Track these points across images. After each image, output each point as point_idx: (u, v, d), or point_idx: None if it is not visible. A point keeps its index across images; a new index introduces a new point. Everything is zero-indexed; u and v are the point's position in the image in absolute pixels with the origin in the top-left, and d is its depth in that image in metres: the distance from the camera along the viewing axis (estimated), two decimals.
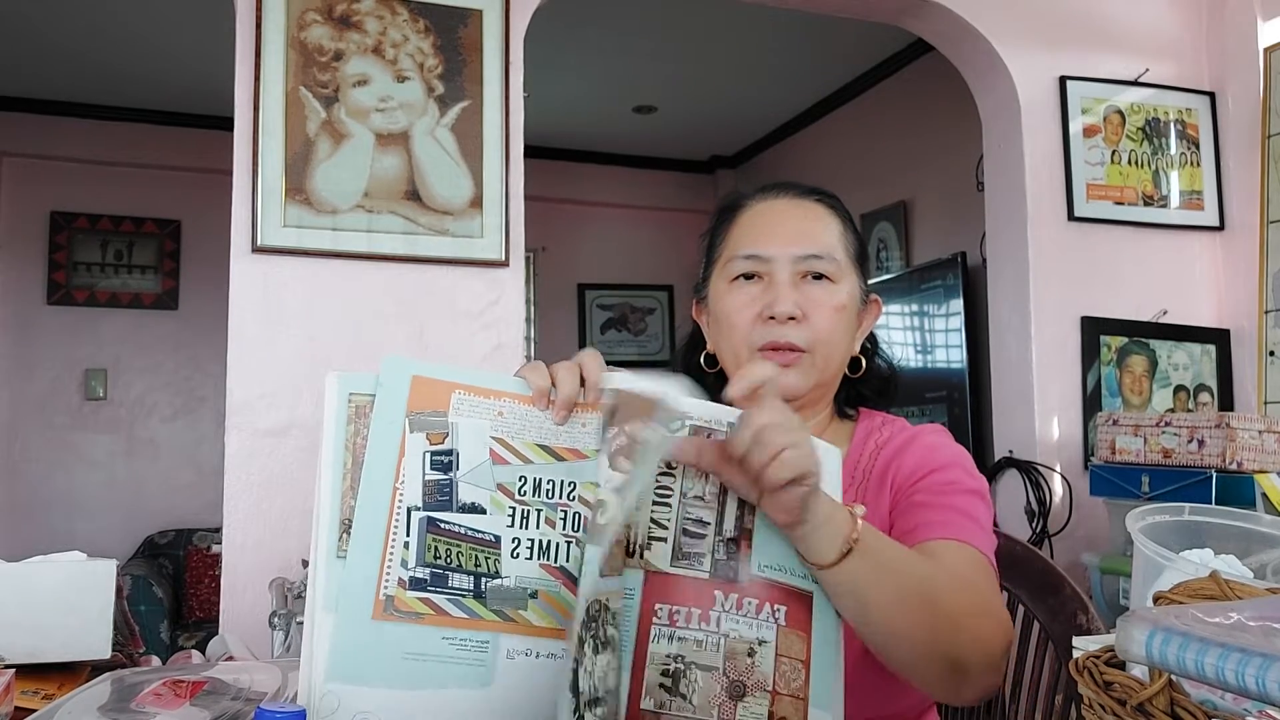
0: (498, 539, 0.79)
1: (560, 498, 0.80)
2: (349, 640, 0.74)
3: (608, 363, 0.84)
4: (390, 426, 0.77)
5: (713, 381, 1.19)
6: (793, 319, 1.07)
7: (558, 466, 0.80)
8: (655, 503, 0.81)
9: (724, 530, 0.81)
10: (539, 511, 0.80)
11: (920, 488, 1.04)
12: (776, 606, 0.81)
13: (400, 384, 0.78)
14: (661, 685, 0.78)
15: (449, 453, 0.79)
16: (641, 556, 0.81)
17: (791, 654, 0.80)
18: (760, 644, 0.80)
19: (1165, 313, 2.82)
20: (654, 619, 0.79)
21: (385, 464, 0.77)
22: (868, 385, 1.19)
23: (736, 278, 1.11)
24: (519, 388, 0.81)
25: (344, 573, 0.75)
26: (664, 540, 0.81)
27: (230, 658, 1.21)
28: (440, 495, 0.78)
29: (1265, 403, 2.72)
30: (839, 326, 1.10)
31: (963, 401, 3.64)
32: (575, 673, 0.74)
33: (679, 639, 0.79)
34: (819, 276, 1.09)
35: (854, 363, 1.16)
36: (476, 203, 2.29)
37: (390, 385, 0.78)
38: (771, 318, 1.07)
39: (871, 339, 1.20)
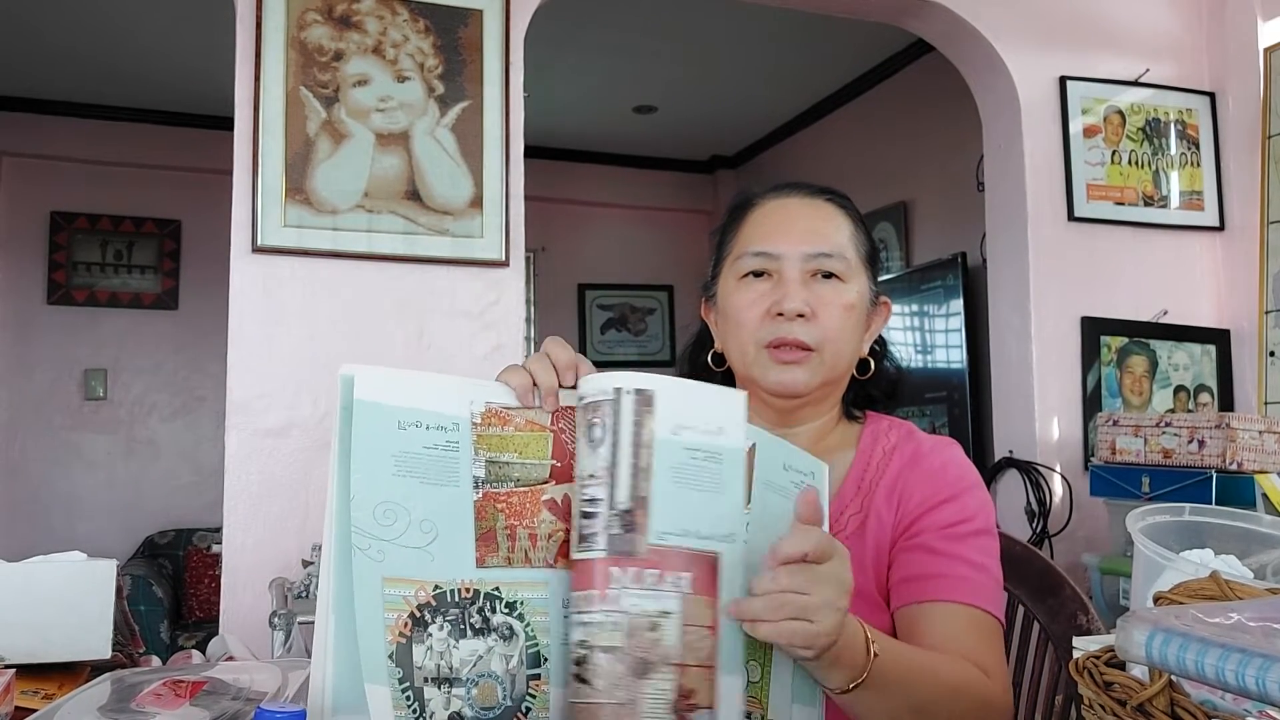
0: None
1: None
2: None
3: (607, 364, 0.85)
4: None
5: (719, 381, 1.20)
6: (801, 316, 1.06)
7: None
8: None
9: (616, 504, 0.77)
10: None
11: (928, 525, 1.04)
12: (680, 574, 0.77)
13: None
14: (573, 675, 0.76)
15: None
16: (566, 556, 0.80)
17: (699, 621, 0.77)
18: (664, 616, 0.76)
19: (1165, 313, 2.82)
20: (565, 611, 0.78)
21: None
22: (875, 387, 1.18)
23: (746, 275, 1.11)
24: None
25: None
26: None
27: (230, 658, 1.21)
28: None
29: (1265, 403, 2.71)
30: (847, 325, 1.09)
31: (963, 401, 3.64)
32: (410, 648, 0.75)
33: (582, 624, 0.76)
34: (829, 275, 1.09)
35: (862, 365, 1.15)
36: (476, 203, 2.29)
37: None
38: (780, 314, 1.06)
39: (880, 341, 1.19)
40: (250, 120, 2.15)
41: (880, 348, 1.19)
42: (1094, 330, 2.74)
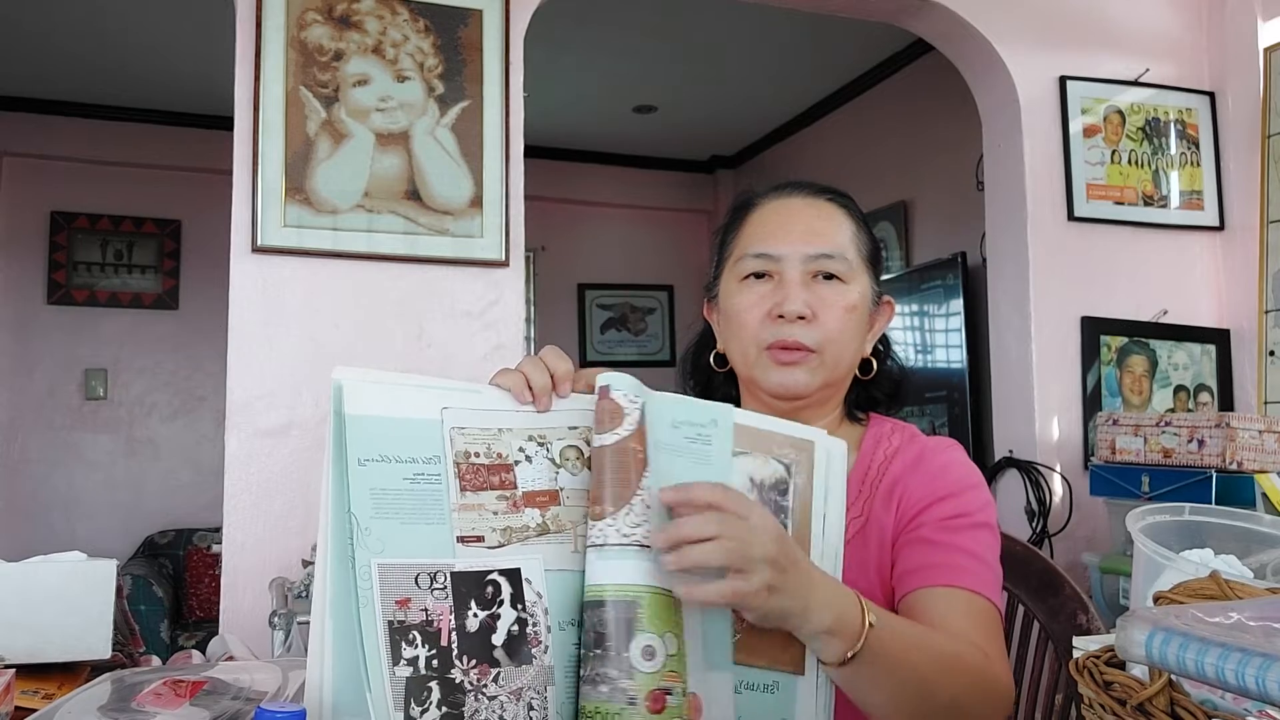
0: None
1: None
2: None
3: (607, 364, 0.84)
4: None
5: (722, 381, 1.20)
6: (802, 318, 1.06)
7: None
8: None
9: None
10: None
11: (927, 519, 1.03)
12: None
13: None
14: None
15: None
16: None
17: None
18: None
19: (1165, 313, 2.82)
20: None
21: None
22: (878, 387, 1.18)
23: (747, 276, 1.10)
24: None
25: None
26: None
27: (230, 658, 1.21)
28: None
29: (1265, 403, 2.72)
30: (849, 327, 1.09)
31: (963, 401, 3.64)
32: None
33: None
34: (830, 276, 1.08)
35: (865, 365, 1.15)
36: (476, 203, 2.29)
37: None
38: (781, 316, 1.06)
39: (884, 341, 1.19)
40: (250, 120, 2.15)
41: (883, 348, 1.19)
42: (1094, 330, 2.74)
